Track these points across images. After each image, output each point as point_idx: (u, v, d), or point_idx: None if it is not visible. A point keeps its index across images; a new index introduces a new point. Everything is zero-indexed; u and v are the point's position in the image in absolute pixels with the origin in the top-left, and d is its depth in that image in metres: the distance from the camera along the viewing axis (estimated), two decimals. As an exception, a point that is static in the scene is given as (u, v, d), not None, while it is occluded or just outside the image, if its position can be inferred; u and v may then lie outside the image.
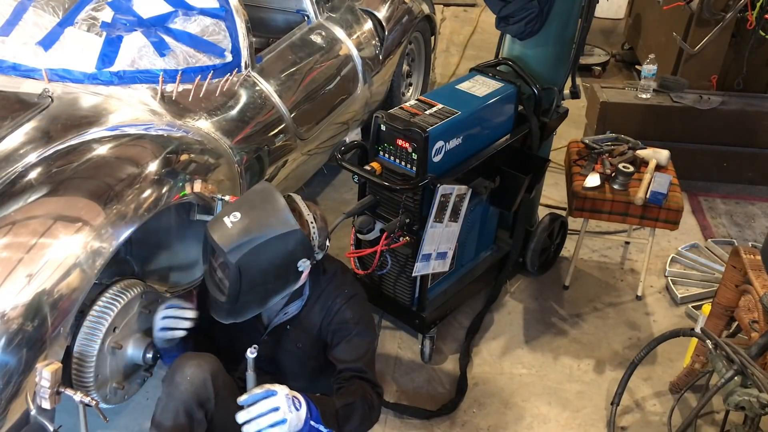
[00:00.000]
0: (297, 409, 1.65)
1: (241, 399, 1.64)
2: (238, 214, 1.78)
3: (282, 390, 1.65)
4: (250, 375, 1.69)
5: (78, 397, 1.68)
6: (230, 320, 1.89)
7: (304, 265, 1.85)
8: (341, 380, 1.94)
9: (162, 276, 2.45)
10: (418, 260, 2.40)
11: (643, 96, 3.85)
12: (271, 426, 1.61)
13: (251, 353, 1.66)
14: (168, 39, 2.51)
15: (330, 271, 2.04)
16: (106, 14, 2.50)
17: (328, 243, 1.95)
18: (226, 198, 2.21)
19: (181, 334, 1.96)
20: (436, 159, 2.37)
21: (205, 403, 1.84)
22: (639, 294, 3.11)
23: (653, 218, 2.89)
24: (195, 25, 2.59)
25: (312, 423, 1.70)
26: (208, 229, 1.80)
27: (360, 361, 1.95)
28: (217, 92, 2.56)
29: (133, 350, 2.00)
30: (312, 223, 1.88)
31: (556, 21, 2.66)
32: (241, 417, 1.63)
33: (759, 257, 2.21)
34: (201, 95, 2.50)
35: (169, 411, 1.83)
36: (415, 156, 2.31)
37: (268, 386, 1.65)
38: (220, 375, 1.87)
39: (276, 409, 1.62)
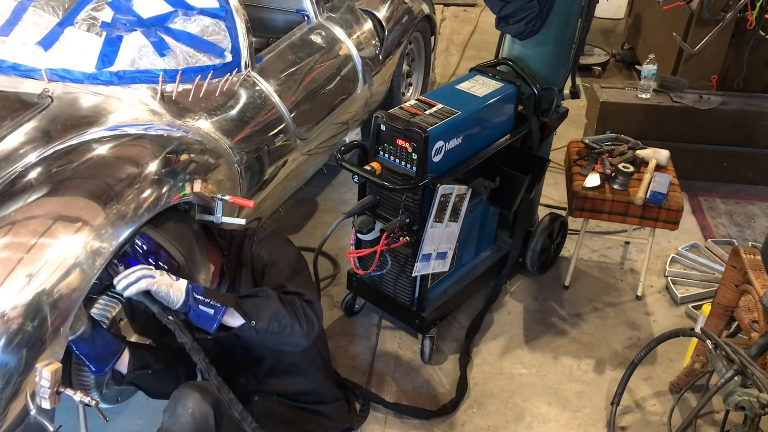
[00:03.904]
0: (172, 278, 1.75)
1: (116, 280, 1.76)
2: None
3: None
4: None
5: (78, 397, 1.69)
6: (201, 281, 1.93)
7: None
8: None
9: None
10: (418, 260, 2.40)
11: (643, 96, 3.84)
12: (138, 280, 1.72)
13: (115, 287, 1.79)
14: (168, 39, 2.51)
15: (237, 238, 2.11)
16: (106, 14, 2.50)
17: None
18: (227, 198, 2.21)
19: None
20: (436, 159, 2.37)
21: None
22: (639, 294, 3.11)
23: (653, 218, 2.89)
24: (195, 25, 2.58)
25: (196, 295, 1.76)
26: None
27: (276, 283, 1.96)
28: (217, 92, 2.56)
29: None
30: None
31: (556, 21, 2.66)
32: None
33: (759, 257, 2.21)
34: (201, 95, 2.50)
35: None
36: (415, 156, 2.31)
37: None
38: (222, 407, 1.86)
39: (148, 269, 1.76)
